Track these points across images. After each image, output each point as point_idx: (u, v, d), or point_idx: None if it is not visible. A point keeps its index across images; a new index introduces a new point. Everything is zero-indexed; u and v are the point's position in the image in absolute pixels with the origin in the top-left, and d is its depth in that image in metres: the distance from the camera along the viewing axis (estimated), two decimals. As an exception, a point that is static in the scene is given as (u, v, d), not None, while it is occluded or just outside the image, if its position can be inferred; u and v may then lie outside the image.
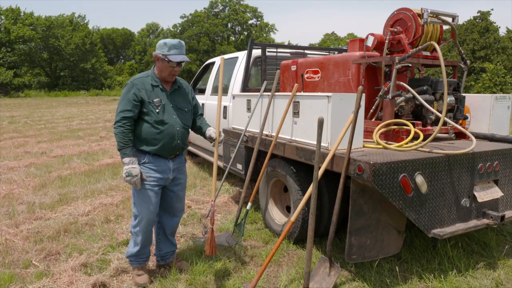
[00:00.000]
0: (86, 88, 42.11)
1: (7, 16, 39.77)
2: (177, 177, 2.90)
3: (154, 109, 2.69)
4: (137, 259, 2.88)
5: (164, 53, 2.66)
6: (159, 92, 2.75)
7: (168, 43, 2.67)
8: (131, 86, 2.68)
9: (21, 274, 2.94)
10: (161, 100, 2.73)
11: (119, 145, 2.62)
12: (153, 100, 2.70)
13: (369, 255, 2.72)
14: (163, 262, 3.06)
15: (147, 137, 2.70)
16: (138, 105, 2.66)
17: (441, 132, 3.32)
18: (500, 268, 3.00)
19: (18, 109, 19.84)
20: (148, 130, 2.69)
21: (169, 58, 2.66)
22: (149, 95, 2.70)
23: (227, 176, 4.42)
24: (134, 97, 2.65)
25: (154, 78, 2.76)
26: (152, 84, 2.74)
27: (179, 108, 2.84)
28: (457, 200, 2.83)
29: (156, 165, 2.74)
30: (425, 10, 3.15)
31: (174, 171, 2.85)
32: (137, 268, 2.88)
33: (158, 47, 2.71)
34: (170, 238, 3.05)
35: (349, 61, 3.55)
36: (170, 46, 2.67)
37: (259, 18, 57.29)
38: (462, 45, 25.02)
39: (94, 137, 10.03)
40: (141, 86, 2.69)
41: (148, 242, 2.89)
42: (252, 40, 4.80)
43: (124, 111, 2.63)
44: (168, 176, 2.82)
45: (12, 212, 4.25)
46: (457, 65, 3.58)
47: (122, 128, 2.61)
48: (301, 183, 3.24)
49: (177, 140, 2.78)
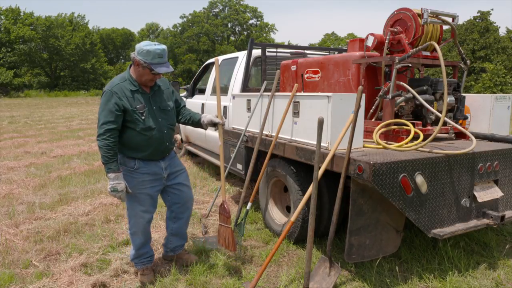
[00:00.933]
0: (86, 88, 42.10)
1: (7, 16, 39.78)
2: (172, 171, 2.88)
3: (139, 117, 2.59)
4: (140, 260, 2.90)
5: (147, 62, 2.52)
6: (140, 97, 2.63)
7: (152, 51, 2.51)
8: (110, 95, 2.53)
9: (21, 274, 2.94)
10: (144, 106, 2.62)
11: (104, 159, 2.52)
12: (137, 107, 2.59)
13: (368, 255, 2.73)
14: (172, 253, 3.11)
15: (136, 145, 2.65)
16: (121, 115, 2.54)
17: (441, 132, 3.32)
18: (500, 268, 3.00)
19: (18, 109, 19.84)
20: (136, 138, 2.63)
21: (153, 69, 2.53)
22: (131, 102, 2.57)
23: (227, 176, 4.42)
24: (116, 107, 2.51)
25: (132, 82, 2.63)
26: (131, 90, 2.60)
27: (163, 109, 2.75)
28: (457, 200, 2.83)
29: (148, 169, 2.71)
30: (425, 10, 3.15)
31: (166, 168, 2.84)
32: (143, 268, 2.91)
33: (140, 53, 2.53)
34: (183, 231, 3.08)
35: (349, 61, 3.55)
36: (154, 55, 2.52)
37: (259, 18, 57.31)
38: (462, 45, 25.02)
39: (94, 137, 10.02)
40: (121, 94, 2.55)
41: (147, 241, 2.91)
42: (252, 40, 4.80)
43: (107, 122, 2.50)
44: (163, 175, 2.81)
45: (12, 212, 4.25)
46: (457, 65, 3.58)
47: (106, 142, 2.50)
48: (301, 183, 3.24)
49: (165, 143, 2.77)
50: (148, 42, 2.58)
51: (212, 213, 4.32)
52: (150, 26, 63.52)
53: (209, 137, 5.66)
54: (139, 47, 2.55)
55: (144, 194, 2.73)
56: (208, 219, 4.16)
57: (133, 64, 2.62)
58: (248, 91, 4.82)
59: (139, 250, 2.87)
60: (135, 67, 2.61)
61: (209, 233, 3.77)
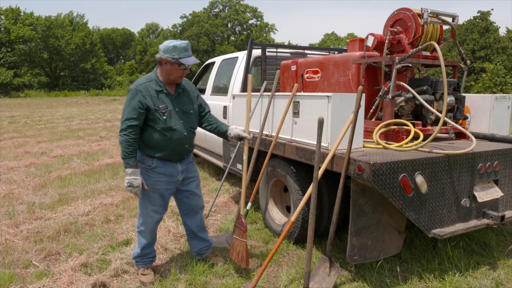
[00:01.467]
0: (86, 88, 42.06)
1: (7, 16, 39.74)
2: (187, 176, 2.92)
3: (161, 116, 2.66)
4: (142, 260, 2.94)
5: (175, 57, 2.61)
6: (164, 97, 2.71)
7: (178, 46, 2.62)
8: (135, 93, 2.62)
9: (21, 274, 2.94)
10: (167, 106, 2.69)
11: (123, 154, 2.60)
12: (159, 106, 2.66)
13: (370, 256, 2.72)
14: (200, 256, 3.14)
15: (155, 144, 2.70)
16: (143, 113, 2.62)
17: (441, 132, 3.32)
18: (500, 268, 3.00)
19: (18, 109, 19.84)
20: (156, 137, 2.68)
21: (182, 62, 2.62)
22: (154, 101, 2.65)
23: (227, 176, 4.42)
24: (140, 104, 2.60)
25: (158, 83, 2.71)
26: (157, 90, 2.69)
27: (185, 112, 2.80)
28: (457, 200, 2.83)
29: (164, 169, 2.75)
30: (425, 10, 3.15)
31: (183, 172, 2.87)
32: (143, 268, 2.93)
33: (165, 51, 2.63)
34: (200, 235, 3.11)
35: (349, 61, 3.55)
36: (181, 49, 2.62)
37: (259, 18, 57.32)
38: (462, 45, 25.01)
39: (94, 137, 10.03)
40: (146, 93, 2.64)
41: (151, 241, 2.95)
42: (252, 40, 4.79)
43: (130, 119, 2.59)
44: (178, 178, 2.85)
45: (12, 212, 4.25)
46: (457, 65, 3.58)
47: (127, 137, 2.58)
48: (301, 183, 3.23)
49: (185, 145, 2.81)
50: (171, 40, 2.69)
51: (212, 213, 4.32)
52: (150, 26, 63.54)
53: (209, 137, 5.66)
54: (164, 46, 2.65)
55: (157, 194, 2.78)
56: (208, 219, 4.16)
57: (160, 64, 2.68)
58: (248, 91, 4.82)
59: (144, 249, 2.91)
60: (162, 66, 2.68)
61: (209, 233, 3.76)
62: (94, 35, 49.45)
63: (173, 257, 3.23)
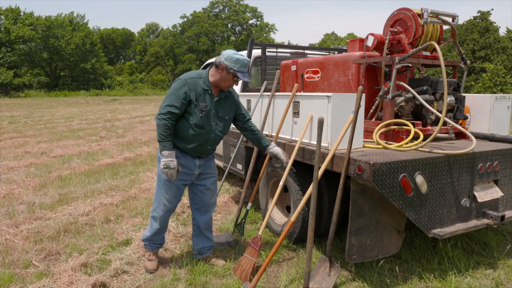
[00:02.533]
0: (86, 88, 42.05)
1: (7, 16, 39.74)
2: (204, 172, 2.99)
3: (198, 113, 2.76)
4: (150, 244, 3.06)
5: (234, 69, 2.73)
6: (207, 97, 2.80)
7: (241, 60, 2.74)
8: (183, 84, 2.73)
9: (21, 274, 2.94)
10: (206, 106, 2.79)
11: (160, 137, 2.69)
12: (200, 103, 2.77)
13: (369, 255, 2.72)
14: (200, 256, 3.16)
15: (182, 136, 2.80)
16: (185, 104, 2.72)
17: (441, 132, 3.32)
18: (500, 268, 3.00)
19: (18, 109, 19.84)
20: (185, 129, 2.78)
21: (238, 75, 2.75)
22: (197, 97, 2.76)
23: (227, 176, 4.42)
24: (184, 95, 2.70)
25: (206, 82, 2.81)
26: (204, 88, 2.79)
27: (220, 116, 2.89)
28: (457, 200, 2.83)
29: (183, 161, 2.84)
30: (425, 10, 3.15)
31: (200, 167, 2.94)
32: (150, 253, 3.05)
33: (228, 59, 2.74)
34: (205, 233, 3.15)
35: (349, 61, 3.55)
36: (242, 64, 2.75)
37: (259, 18, 57.33)
38: (462, 45, 25.01)
39: (94, 137, 10.03)
40: (193, 87, 2.75)
41: (162, 229, 3.05)
42: (252, 40, 4.80)
43: (172, 106, 2.68)
44: (194, 172, 2.93)
45: (12, 212, 4.25)
46: (457, 65, 3.58)
47: (165, 122, 2.67)
48: (301, 183, 3.24)
49: (207, 146, 2.90)
50: (235, 51, 2.81)
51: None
52: (150, 26, 63.53)
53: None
54: (228, 54, 2.77)
55: (172, 183, 2.87)
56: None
57: (217, 67, 2.78)
58: (248, 91, 4.82)
59: (154, 235, 3.03)
60: (217, 70, 2.78)
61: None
62: (94, 35, 49.45)
63: (173, 257, 3.23)
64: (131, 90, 40.58)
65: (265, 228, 3.19)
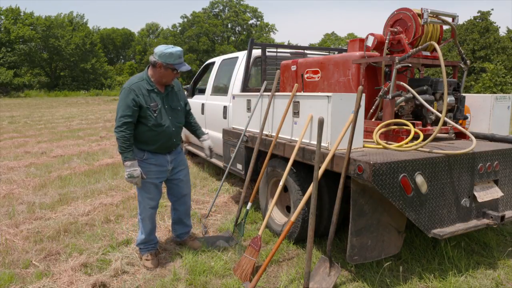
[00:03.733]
0: (86, 88, 42.07)
1: (7, 16, 39.73)
2: (176, 166, 3.18)
3: (152, 114, 2.86)
4: (145, 246, 3.15)
5: (170, 63, 2.80)
6: (154, 96, 2.90)
7: (174, 53, 2.80)
8: (128, 92, 2.80)
9: (21, 274, 2.94)
10: (157, 104, 2.89)
11: (121, 149, 2.81)
12: (150, 104, 2.86)
13: (370, 256, 2.72)
14: (179, 239, 3.45)
15: (146, 139, 2.93)
16: (137, 110, 2.81)
17: (441, 132, 3.32)
18: (500, 268, 3.00)
19: (18, 109, 19.84)
20: (146, 133, 2.90)
21: (177, 68, 2.84)
22: (146, 100, 2.84)
23: (227, 176, 4.42)
24: (133, 102, 2.78)
25: (149, 83, 2.89)
26: (148, 89, 2.87)
27: (173, 109, 3.02)
28: (457, 200, 2.83)
29: (155, 160, 3.00)
30: (425, 10, 3.15)
31: (172, 162, 3.12)
32: (147, 254, 3.13)
33: (161, 56, 2.80)
34: (185, 220, 3.40)
35: (349, 61, 3.55)
36: (176, 57, 2.81)
37: (259, 18, 57.31)
38: (462, 45, 25.01)
39: (94, 137, 10.03)
40: (138, 92, 2.82)
41: (152, 229, 3.18)
42: (252, 40, 4.79)
43: (125, 116, 2.77)
44: (167, 168, 3.10)
45: (12, 212, 4.25)
46: (457, 65, 3.58)
47: (123, 133, 2.77)
48: (301, 183, 3.23)
49: (173, 139, 3.06)
50: (166, 45, 2.84)
51: (212, 213, 4.32)
52: (150, 26, 63.51)
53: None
54: (160, 51, 2.81)
55: (149, 183, 3.01)
56: (208, 219, 4.16)
57: (154, 66, 2.86)
58: (248, 91, 4.82)
59: (148, 235, 3.15)
60: (156, 69, 2.87)
61: (209, 233, 3.77)
62: (94, 35, 49.43)
63: (173, 257, 3.23)
64: (131, 90, 40.44)
65: (265, 228, 3.19)
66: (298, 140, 3.11)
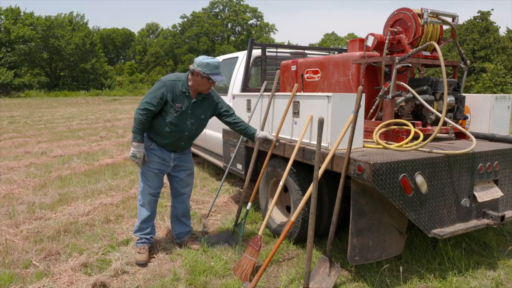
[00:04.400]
0: (86, 88, 42.05)
1: (7, 16, 39.73)
2: (179, 164, 3.28)
3: (173, 112, 3.03)
4: (140, 236, 3.25)
5: (206, 73, 2.96)
6: (184, 98, 3.06)
7: (211, 64, 2.96)
8: (162, 85, 3.01)
9: (21, 274, 2.94)
10: (182, 107, 3.05)
11: (134, 129, 3.00)
12: (176, 104, 3.03)
13: (371, 257, 2.71)
14: (178, 240, 3.46)
15: (158, 131, 3.10)
16: (161, 103, 3.00)
17: (441, 132, 3.32)
18: (500, 268, 3.00)
19: (18, 109, 19.84)
20: (161, 126, 3.07)
21: (213, 78, 2.98)
22: (174, 98, 3.02)
23: (227, 176, 4.42)
24: (162, 95, 2.98)
25: (185, 85, 3.06)
26: (182, 90, 3.04)
27: (196, 115, 3.14)
28: (457, 200, 2.83)
29: (160, 153, 3.17)
30: (425, 10, 3.15)
31: (175, 160, 3.25)
32: (140, 247, 3.21)
33: (200, 65, 2.97)
34: (183, 220, 3.46)
35: (349, 61, 3.55)
36: (212, 67, 2.97)
37: (259, 18, 57.32)
38: (462, 45, 25.00)
39: (94, 137, 10.03)
40: (171, 89, 3.01)
41: (150, 217, 3.27)
42: (252, 40, 4.79)
43: (149, 103, 2.97)
44: (169, 164, 3.23)
45: (12, 212, 4.25)
46: (457, 65, 3.58)
47: (141, 117, 2.97)
48: (301, 183, 3.23)
49: (181, 142, 3.19)
50: (205, 56, 3.02)
51: (212, 213, 4.32)
52: (150, 26, 63.51)
53: (209, 137, 5.66)
54: (199, 61, 3.00)
55: (151, 171, 3.18)
56: (208, 219, 4.16)
57: (192, 74, 3.03)
58: (248, 91, 4.82)
59: (142, 223, 3.25)
60: (194, 77, 3.03)
61: (209, 233, 3.76)
62: (94, 35, 49.44)
63: (173, 257, 3.23)
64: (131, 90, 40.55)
65: (265, 228, 3.19)
66: (298, 140, 3.11)
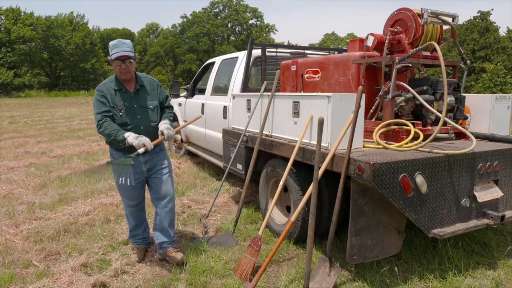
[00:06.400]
0: (86, 88, 42.05)
1: (7, 16, 39.72)
2: (153, 165, 3.07)
3: (117, 113, 2.88)
4: (133, 240, 3.26)
5: (111, 57, 2.82)
6: (122, 95, 2.92)
7: (110, 45, 2.83)
8: (98, 92, 2.90)
9: (21, 274, 2.94)
10: (124, 103, 2.90)
11: (113, 134, 2.76)
12: (116, 104, 2.89)
13: (370, 256, 2.72)
14: (161, 250, 3.14)
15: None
16: (107, 102, 2.85)
17: (441, 132, 3.32)
18: (500, 268, 3.00)
19: (18, 109, 19.83)
20: None
21: (114, 56, 2.79)
22: (113, 99, 2.89)
23: (227, 176, 4.42)
24: (103, 98, 2.86)
25: (116, 83, 2.94)
26: (115, 89, 2.92)
27: (143, 107, 2.98)
28: (457, 200, 2.83)
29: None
30: (425, 10, 3.15)
31: (146, 163, 3.02)
32: (136, 248, 3.24)
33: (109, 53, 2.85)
34: (167, 228, 3.12)
35: (349, 61, 3.55)
36: (112, 47, 2.82)
37: (259, 18, 57.31)
38: (462, 45, 25.00)
39: (94, 137, 10.03)
40: (106, 92, 2.89)
41: (136, 225, 3.23)
42: (252, 40, 4.79)
43: (102, 112, 2.83)
44: (142, 169, 3.02)
45: (12, 212, 4.25)
46: (457, 65, 3.58)
47: (106, 123, 2.79)
48: (301, 183, 3.23)
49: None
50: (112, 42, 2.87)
51: (212, 213, 4.32)
52: (150, 26, 63.50)
53: (209, 137, 5.66)
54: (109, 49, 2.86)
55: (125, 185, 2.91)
56: (208, 219, 4.16)
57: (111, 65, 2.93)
58: (248, 91, 4.82)
59: (132, 231, 3.25)
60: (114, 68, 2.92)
61: (209, 233, 3.77)
62: (94, 35, 49.43)
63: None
64: (131, 90, 40.45)
65: (265, 228, 3.19)
66: (298, 140, 3.11)
